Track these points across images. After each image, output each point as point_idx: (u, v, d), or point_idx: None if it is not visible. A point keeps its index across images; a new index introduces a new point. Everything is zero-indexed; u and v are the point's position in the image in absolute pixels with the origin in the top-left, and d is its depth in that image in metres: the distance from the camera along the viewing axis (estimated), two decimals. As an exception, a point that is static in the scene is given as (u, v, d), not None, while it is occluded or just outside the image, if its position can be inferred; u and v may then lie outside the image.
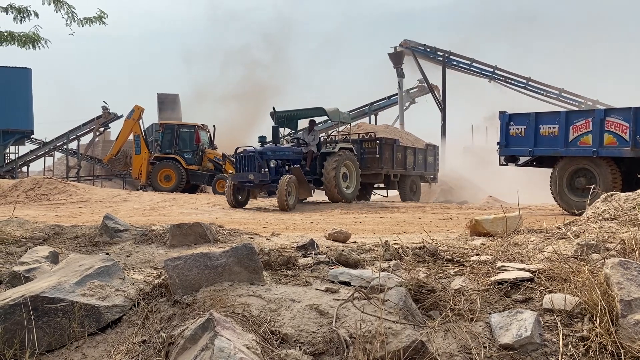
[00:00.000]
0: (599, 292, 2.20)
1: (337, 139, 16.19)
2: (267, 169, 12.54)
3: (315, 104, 14.80)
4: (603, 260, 2.52)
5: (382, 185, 18.17)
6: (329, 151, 14.05)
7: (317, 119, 16.12)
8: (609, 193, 3.95)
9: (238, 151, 13.25)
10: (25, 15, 7.02)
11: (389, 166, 17.03)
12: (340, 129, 16.59)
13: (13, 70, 26.20)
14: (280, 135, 14.57)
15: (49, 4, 6.91)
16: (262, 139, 13.63)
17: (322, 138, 15.59)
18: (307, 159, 13.87)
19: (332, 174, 13.53)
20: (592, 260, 2.68)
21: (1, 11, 7.03)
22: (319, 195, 15.47)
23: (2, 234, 4.19)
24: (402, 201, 17.28)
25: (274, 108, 14.36)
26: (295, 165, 13.29)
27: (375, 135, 18.28)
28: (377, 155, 16.63)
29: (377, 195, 19.38)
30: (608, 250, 2.79)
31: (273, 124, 14.03)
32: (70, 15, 7.00)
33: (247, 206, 13.28)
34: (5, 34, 7.00)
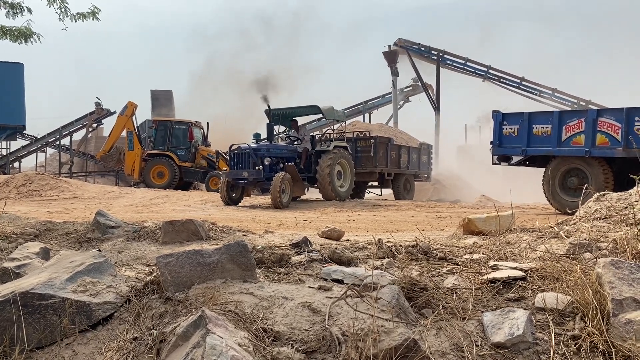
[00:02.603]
0: (590, 291, 2.21)
1: (331, 137, 16.18)
2: (261, 167, 12.52)
3: (312, 101, 14.76)
4: (595, 260, 2.53)
5: (376, 183, 18.20)
6: (323, 149, 14.04)
7: (312, 117, 16.10)
8: (601, 193, 3.97)
9: (232, 148, 13.23)
10: (18, 10, 6.97)
11: (383, 165, 17.05)
12: (335, 127, 16.61)
13: (5, 65, 25.97)
14: (275, 133, 14.57)
15: (41, -1, 6.86)
16: (256, 137, 13.62)
17: (317, 136, 15.58)
18: (302, 157, 13.87)
19: (327, 172, 13.52)
20: (584, 259, 2.70)
21: (-7, 6, 6.97)
22: (313, 193, 15.46)
23: (-7, 230, 4.15)
24: (396, 200, 17.31)
25: (268, 106, 14.35)
26: (289, 163, 13.29)
27: (369, 134, 18.27)
28: (372, 154, 16.63)
29: (370, 194, 19.41)
30: (600, 250, 2.80)
31: (268, 122, 14.03)
32: (63, 10, 6.95)
33: (240, 204, 13.25)
34: (-3, 28, 6.94)
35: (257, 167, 12.45)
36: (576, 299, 2.24)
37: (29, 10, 7.06)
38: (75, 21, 7.00)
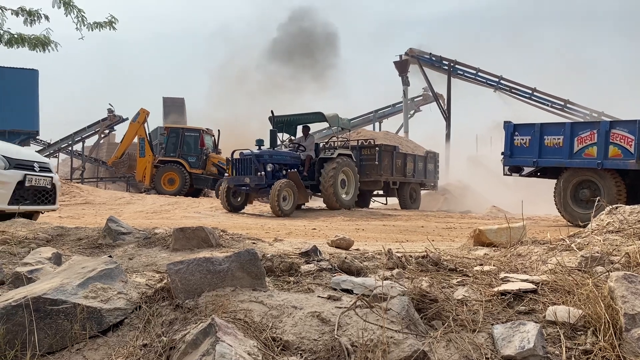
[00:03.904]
0: (602, 305, 2.19)
1: (336, 145, 16.04)
2: (263, 173, 12.31)
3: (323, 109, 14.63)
4: (607, 273, 2.51)
5: (381, 192, 18.00)
6: (327, 157, 13.82)
7: (320, 126, 16.04)
8: (613, 205, 3.93)
9: (234, 154, 13.13)
10: (35, 18, 7.09)
11: (388, 173, 16.80)
12: (341, 135, 16.41)
13: (20, 71, 26.35)
14: (279, 142, 14.42)
15: (59, 7, 6.98)
16: (259, 142, 13.37)
17: (321, 144, 15.43)
18: (305, 164, 13.70)
19: (330, 181, 13.28)
20: (596, 273, 2.67)
21: (12, 13, 7.10)
22: (316, 202, 15.39)
23: (6, 235, 4.19)
24: (402, 209, 17.20)
25: (272, 112, 14.19)
26: (292, 170, 13.17)
27: (374, 142, 18.12)
28: (376, 162, 16.40)
29: (376, 203, 19.21)
30: (612, 263, 2.78)
31: (271, 128, 13.88)
32: (80, 19, 7.06)
33: (250, 211, 13.25)
34: (16, 36, 7.07)
35: (259, 173, 12.25)
36: (588, 312, 2.22)
37: (47, 18, 7.18)
38: (92, 30, 7.11)
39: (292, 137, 15.25)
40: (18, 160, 6.68)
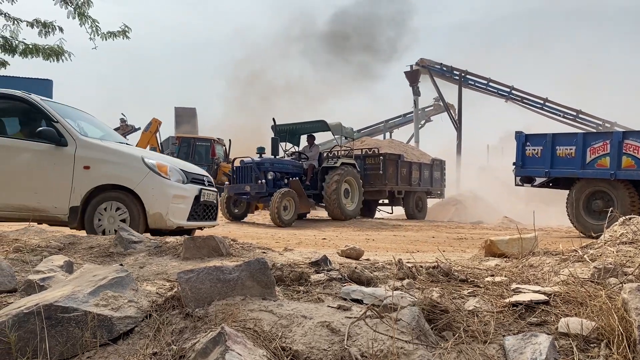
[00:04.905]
0: (616, 317, 2.16)
1: (339, 154, 15.79)
2: (264, 181, 12.11)
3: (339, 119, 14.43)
4: (621, 285, 2.48)
5: (386, 202, 17.76)
6: (330, 166, 13.60)
7: (330, 136, 15.94)
8: (627, 216, 3.89)
9: (235, 162, 13.04)
10: (50, 29, 7.22)
11: (393, 182, 16.47)
12: (345, 144, 16.14)
13: (35, 81, 26.68)
14: (281, 152, 14.26)
15: (73, 18, 7.10)
16: (260, 150, 13.17)
17: (324, 153, 15.29)
18: (307, 173, 13.47)
19: (333, 190, 13.06)
20: (609, 284, 2.64)
21: (27, 25, 7.24)
22: (324, 211, 15.31)
23: (19, 243, 4.24)
24: (408, 218, 17.02)
25: (274, 120, 14.03)
26: (294, 178, 12.95)
27: (378, 151, 17.88)
28: (381, 171, 16.11)
29: (381, 212, 18.96)
30: (626, 275, 2.74)
31: (273, 136, 13.67)
32: (94, 29, 7.17)
33: (260, 220, 13.23)
34: (30, 46, 7.19)
35: (259, 182, 12.05)
36: (601, 325, 2.19)
37: (61, 29, 7.31)
38: (106, 40, 7.21)
39: (296, 147, 15.11)
40: (192, 174, 6.60)
